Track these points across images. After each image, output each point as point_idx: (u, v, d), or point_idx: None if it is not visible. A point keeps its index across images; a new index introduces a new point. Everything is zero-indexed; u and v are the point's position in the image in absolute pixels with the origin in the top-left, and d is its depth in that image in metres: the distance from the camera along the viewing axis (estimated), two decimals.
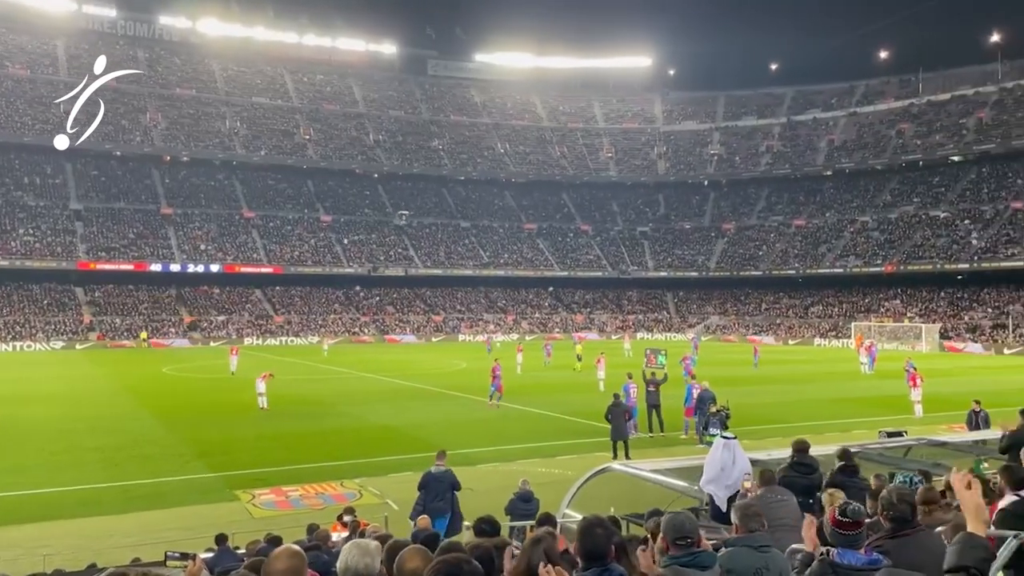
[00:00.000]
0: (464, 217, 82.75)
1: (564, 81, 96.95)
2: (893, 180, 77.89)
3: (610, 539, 3.54)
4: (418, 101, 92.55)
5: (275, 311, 68.50)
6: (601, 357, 32.94)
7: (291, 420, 23.61)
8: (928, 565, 4.04)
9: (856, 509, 3.80)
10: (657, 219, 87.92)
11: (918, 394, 24.64)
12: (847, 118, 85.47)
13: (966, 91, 78.69)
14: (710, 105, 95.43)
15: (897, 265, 66.53)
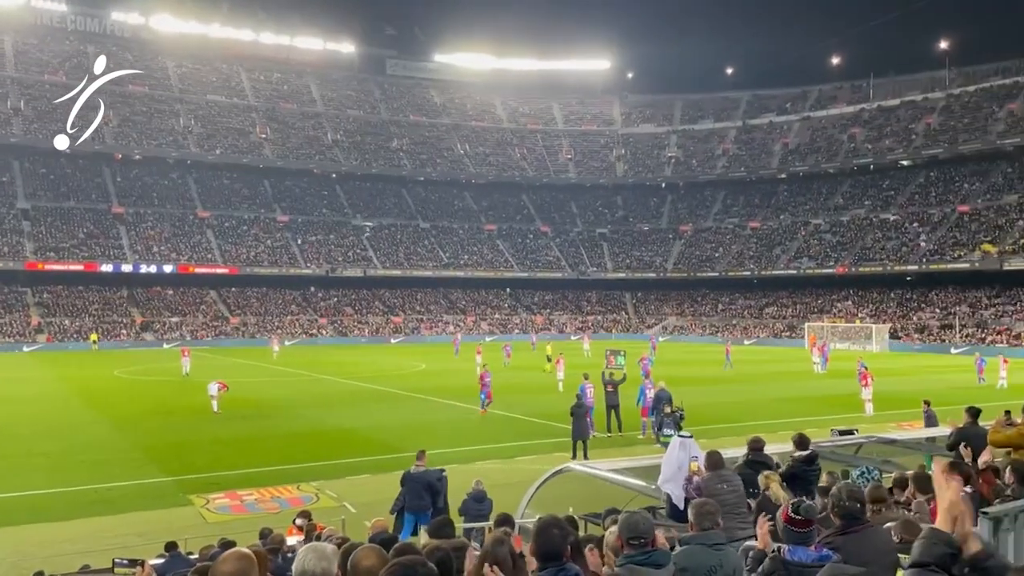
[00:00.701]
0: (424, 218, 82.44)
1: (524, 83, 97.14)
2: (845, 183, 79.54)
3: (566, 539, 3.54)
4: (377, 101, 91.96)
5: (231, 312, 67.46)
6: (560, 358, 33.09)
7: (246, 423, 23.27)
8: (877, 561, 4.12)
9: (808, 507, 3.86)
10: (616, 221, 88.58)
11: (869, 393, 25.21)
12: (800, 122, 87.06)
13: (915, 97, 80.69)
14: (667, 108, 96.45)
15: (849, 267, 67.96)
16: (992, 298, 60.60)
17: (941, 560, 2.69)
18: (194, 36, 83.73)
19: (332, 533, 8.35)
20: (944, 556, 2.71)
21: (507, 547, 4.06)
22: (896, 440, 12.83)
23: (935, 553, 2.71)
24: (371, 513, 11.43)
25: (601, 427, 21.33)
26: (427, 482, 11.73)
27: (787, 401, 27.59)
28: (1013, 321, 56.64)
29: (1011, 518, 4.67)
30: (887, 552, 4.23)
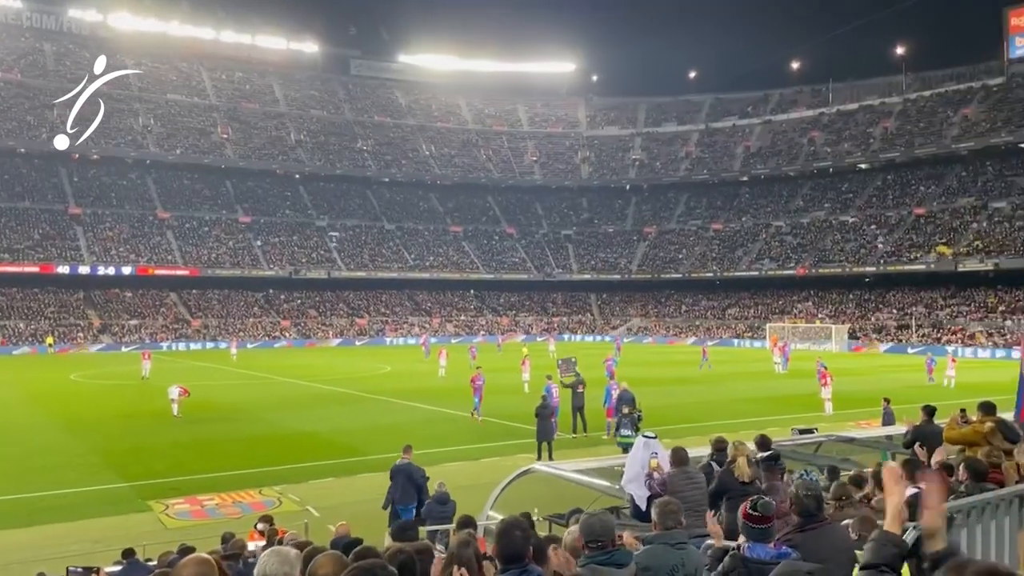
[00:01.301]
0: (389, 219, 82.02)
1: (489, 84, 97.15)
2: (805, 186, 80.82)
3: (528, 540, 3.55)
4: (341, 101, 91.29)
5: (191, 315, 66.44)
6: (526, 359, 33.11)
7: (207, 426, 22.93)
8: (834, 557, 4.20)
9: (766, 504, 3.91)
10: (581, 222, 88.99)
11: (828, 392, 25.64)
12: (762, 126, 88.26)
13: (873, 101, 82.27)
14: (632, 111, 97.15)
15: (809, 268, 69.05)
16: (947, 299, 62.01)
17: (891, 561, 2.74)
18: (153, 34, 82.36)
19: (294, 537, 8.26)
20: (894, 557, 2.75)
21: (473, 549, 4.05)
22: (854, 438, 13.07)
23: (885, 554, 2.76)
24: (335, 517, 11.36)
25: (566, 428, 21.40)
26: (408, 474, 12.02)
27: (749, 401, 27.92)
28: (967, 321, 58.00)
29: (964, 514, 4.77)
30: (844, 549, 4.31)
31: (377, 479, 16.35)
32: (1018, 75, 73.13)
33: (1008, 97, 72.07)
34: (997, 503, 4.99)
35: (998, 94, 73.31)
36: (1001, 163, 68.76)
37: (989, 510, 4.93)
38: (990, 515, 4.92)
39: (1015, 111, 69.89)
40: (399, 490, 12.04)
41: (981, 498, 4.95)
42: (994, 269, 58.54)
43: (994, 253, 59.00)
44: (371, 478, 16.49)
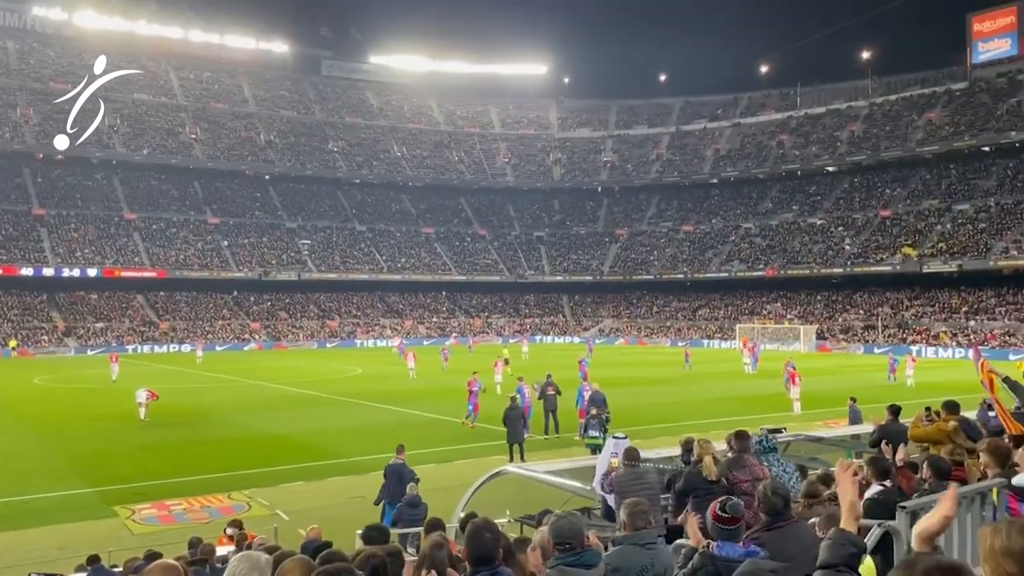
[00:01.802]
0: (360, 221, 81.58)
1: (461, 86, 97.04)
2: (774, 188, 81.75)
3: (498, 542, 3.55)
4: (311, 102, 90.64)
5: (159, 317, 65.53)
6: (498, 361, 33.12)
7: (175, 430, 22.64)
8: (801, 556, 4.25)
9: (735, 505, 3.96)
10: (553, 224, 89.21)
11: (797, 392, 25.95)
12: (731, 128, 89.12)
13: (840, 105, 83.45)
14: (603, 113, 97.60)
15: (778, 269, 69.84)
16: (912, 299, 63.07)
17: (849, 560, 2.77)
18: (119, 33, 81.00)
19: (263, 542, 8.18)
20: (851, 556, 2.78)
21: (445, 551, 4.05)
22: (822, 438, 13.25)
23: (843, 554, 2.78)
24: (305, 520, 11.28)
25: (538, 429, 21.44)
26: (400, 475, 12.27)
27: (719, 401, 28.17)
28: (932, 322, 59.04)
29: (927, 511, 4.85)
30: (810, 547, 4.36)
31: (348, 482, 16.30)
32: (981, 80, 74.66)
33: (971, 101, 73.52)
34: (960, 500, 5.07)
35: (961, 98, 74.75)
36: (964, 166, 70.10)
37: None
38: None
39: (978, 115, 71.33)
40: (390, 489, 12.32)
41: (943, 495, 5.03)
42: (958, 270, 59.66)
43: (958, 255, 60.13)
44: (342, 481, 16.42)
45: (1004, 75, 73.21)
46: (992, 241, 59.52)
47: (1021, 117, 67.60)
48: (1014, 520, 2.19)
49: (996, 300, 58.45)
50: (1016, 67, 72.64)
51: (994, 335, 53.64)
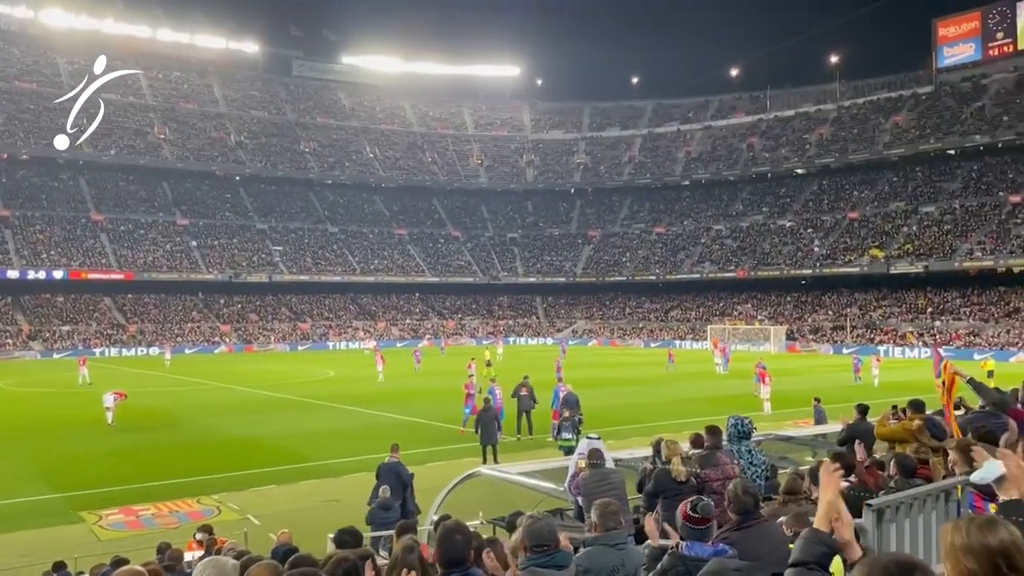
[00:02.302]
0: (332, 222, 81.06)
1: (434, 87, 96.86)
2: (744, 190, 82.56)
3: (469, 544, 3.55)
4: (283, 102, 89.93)
5: (127, 320, 64.59)
6: (471, 362, 33.08)
7: (144, 434, 22.33)
8: (770, 554, 4.29)
9: (705, 505, 3.99)
10: (526, 226, 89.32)
11: (767, 392, 26.21)
12: (703, 131, 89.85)
13: (809, 108, 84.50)
14: (576, 115, 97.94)
15: (748, 271, 70.54)
16: (880, 300, 64.02)
17: (821, 559, 2.80)
18: (86, 32, 79.79)
19: (233, 547, 8.09)
20: (823, 555, 2.81)
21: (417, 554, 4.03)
22: (792, 437, 13.40)
23: (815, 552, 2.81)
24: (276, 525, 11.17)
25: (511, 431, 21.44)
26: (396, 473, 12.27)
27: (691, 401, 28.35)
28: (899, 322, 59.97)
29: (893, 509, 4.92)
30: (779, 545, 4.41)
31: (321, 485, 16.19)
32: (946, 84, 76.03)
33: (936, 105, 74.83)
34: (924, 498, 5.16)
35: (927, 102, 76.06)
36: (930, 169, 71.32)
37: (917, 505, 5.10)
38: (918, 510, 5.09)
39: (943, 119, 72.62)
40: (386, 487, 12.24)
41: (909, 493, 5.12)
42: (924, 271, 60.68)
43: (924, 256, 61.15)
44: (314, 485, 16.30)
45: (968, 79, 74.63)
46: (957, 243, 60.60)
47: (985, 121, 68.96)
48: (974, 517, 2.22)
49: (961, 301, 59.52)
50: (980, 71, 74.11)
51: (959, 335, 54.62)
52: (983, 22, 73.84)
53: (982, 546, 2.05)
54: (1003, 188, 63.77)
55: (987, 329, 54.77)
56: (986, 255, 58.09)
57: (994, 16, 73.23)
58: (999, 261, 57.41)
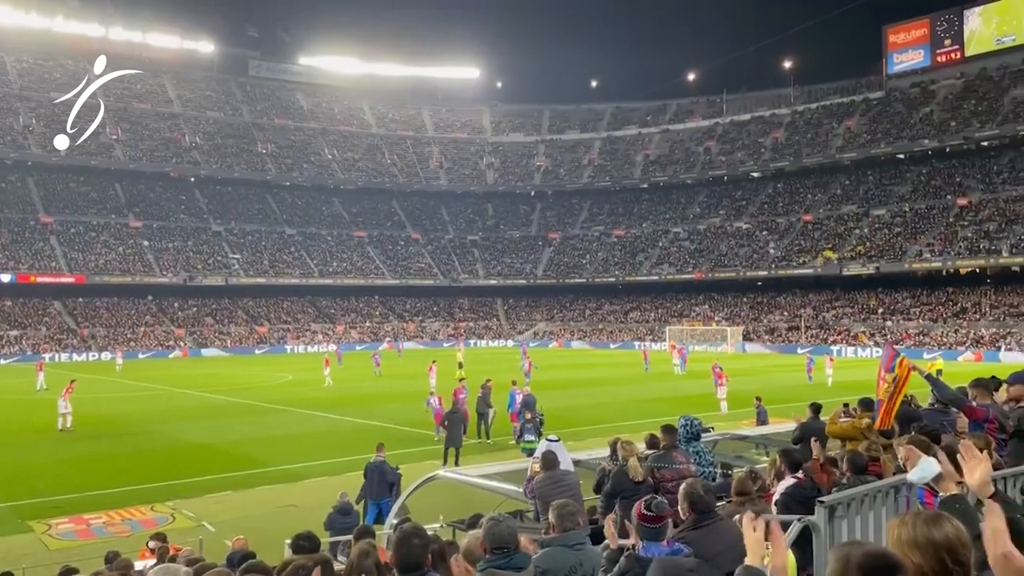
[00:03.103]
0: (290, 224, 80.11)
1: (393, 88, 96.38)
2: (701, 193, 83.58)
3: (427, 548, 3.53)
4: (239, 103, 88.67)
5: (78, 324, 63.06)
6: (433, 365, 32.93)
7: (95, 441, 21.82)
8: (726, 553, 4.34)
9: (659, 503, 4.02)
10: (487, 228, 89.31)
11: (723, 392, 26.57)
12: (660, 135, 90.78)
13: (764, 113, 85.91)
14: (536, 118, 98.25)
15: (705, 272, 71.44)
16: (833, 301, 65.32)
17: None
18: (36, 30, 77.84)
19: (188, 554, 7.94)
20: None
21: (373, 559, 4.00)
22: (747, 436, 13.60)
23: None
24: (232, 531, 11.01)
25: (472, 434, 21.41)
26: (381, 471, 12.73)
27: (650, 401, 28.59)
28: (851, 322, 61.24)
29: (844, 506, 5.02)
30: (736, 543, 4.46)
31: (278, 491, 15.98)
32: (896, 89, 77.89)
33: (887, 110, 76.63)
34: (875, 494, 5.27)
35: (878, 107, 77.84)
36: (881, 172, 72.99)
37: (868, 501, 5.21)
38: (869, 506, 5.20)
39: (893, 123, 74.38)
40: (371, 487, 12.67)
41: (860, 490, 5.23)
42: (875, 273, 62.06)
43: (875, 258, 62.54)
44: (271, 490, 16.08)
45: (917, 85, 76.58)
46: (907, 245, 62.10)
47: (933, 126, 70.80)
48: (920, 512, 2.27)
49: (911, 301, 61.00)
50: (928, 77, 76.10)
51: (909, 335, 55.95)
52: (931, 29, 75.85)
53: (927, 540, 2.10)
54: (951, 192, 65.52)
55: (936, 329, 56.20)
56: (934, 257, 59.64)
57: (942, 24, 75.27)
58: (947, 263, 58.99)
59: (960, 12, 74.01)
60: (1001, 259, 56.35)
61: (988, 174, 65.30)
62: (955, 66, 74.39)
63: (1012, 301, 56.01)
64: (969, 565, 2.11)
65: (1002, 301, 56.60)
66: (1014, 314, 54.41)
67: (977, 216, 61.22)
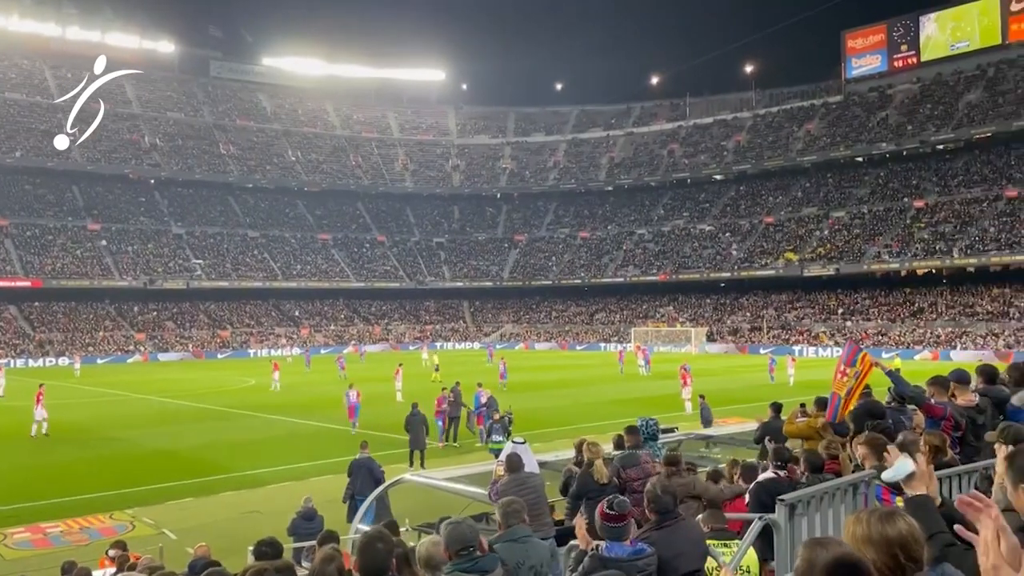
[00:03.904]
0: (252, 227, 79.15)
1: (358, 90, 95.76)
2: (666, 196, 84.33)
3: (391, 553, 3.51)
4: (200, 104, 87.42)
5: (34, 329, 61.64)
6: (399, 368, 32.77)
7: (53, 449, 21.36)
8: (688, 551, 4.41)
9: (621, 502, 4.07)
10: (453, 230, 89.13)
11: (688, 392, 26.82)
12: (625, 137, 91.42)
13: (726, 116, 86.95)
14: (501, 120, 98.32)
15: (670, 274, 72.07)
16: (794, 302, 66.29)
17: None
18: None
19: (148, 562, 7.81)
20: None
21: (336, 565, 3.97)
22: (711, 436, 13.76)
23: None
24: (194, 539, 10.85)
25: (435, 437, 21.37)
26: (368, 468, 12.97)
27: (616, 403, 28.75)
28: (812, 323, 62.21)
29: (804, 504, 5.11)
30: (698, 542, 4.54)
31: (241, 496, 15.79)
32: (854, 94, 79.37)
33: (846, 114, 78.03)
34: (834, 492, 5.37)
35: (837, 111, 79.23)
36: (840, 175, 74.29)
37: (827, 499, 5.31)
38: (827, 503, 5.30)
39: (852, 127, 75.77)
40: (359, 483, 12.76)
41: (819, 488, 5.32)
42: (835, 274, 63.12)
43: (835, 259, 63.62)
44: (234, 496, 15.89)
45: (875, 89, 78.13)
46: (865, 246, 63.27)
47: (890, 129, 72.25)
48: (875, 509, 2.32)
49: (870, 301, 62.15)
50: (886, 82, 77.68)
51: (868, 335, 56.99)
52: (888, 35, 77.44)
53: (881, 536, 2.15)
54: (907, 194, 66.90)
55: (894, 329, 57.32)
56: (892, 258, 60.84)
57: (899, 29, 76.87)
58: (904, 264, 60.22)
59: (916, 18, 75.66)
60: (956, 260, 57.68)
61: (944, 177, 66.80)
62: (911, 71, 76.01)
63: (967, 301, 57.35)
64: (922, 561, 2.16)
65: (957, 301, 57.92)
66: (969, 314, 55.70)
67: (933, 218, 62.60)
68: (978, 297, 57.23)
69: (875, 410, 7.22)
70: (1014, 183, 60.81)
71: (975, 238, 57.74)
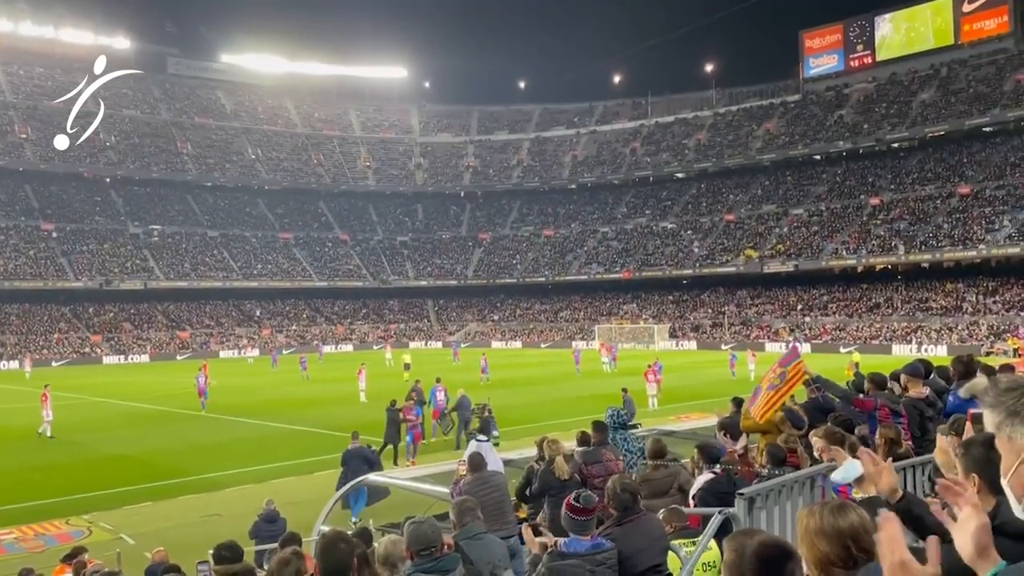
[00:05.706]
0: (212, 226, 77.98)
1: (319, 88, 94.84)
2: (628, 194, 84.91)
3: (352, 553, 3.48)
4: (157, 101, 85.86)
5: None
6: (362, 368, 32.55)
7: (4, 454, 20.83)
8: (649, 546, 4.44)
9: (587, 496, 4.10)
10: (416, 229, 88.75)
11: (653, 389, 27.04)
12: (588, 136, 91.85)
13: (687, 115, 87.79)
14: (465, 118, 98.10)
15: (633, 272, 72.60)
16: (755, 298, 67.20)
17: None
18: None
19: (99, 568, 7.65)
20: None
21: (294, 568, 3.92)
22: (674, 432, 13.86)
23: None
24: (153, 543, 10.67)
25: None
26: (363, 456, 13.18)
27: (581, 399, 28.88)
28: (772, 319, 63.12)
29: (763, 497, 5.19)
30: (658, 537, 4.59)
31: (201, 500, 15.56)
32: (812, 93, 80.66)
33: (804, 113, 79.28)
34: (792, 485, 5.46)
35: (795, 110, 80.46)
36: (799, 173, 75.46)
37: (785, 491, 5.39)
38: (786, 496, 5.38)
39: (810, 126, 77.00)
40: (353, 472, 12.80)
41: (777, 481, 5.40)
42: (794, 271, 64.12)
43: (794, 256, 64.62)
44: (194, 500, 15.66)
45: (832, 88, 79.49)
46: (824, 243, 64.36)
47: (847, 128, 73.58)
48: (828, 502, 2.36)
49: (828, 297, 63.24)
50: (842, 81, 79.08)
51: (827, 330, 58.00)
52: (845, 35, 78.81)
53: (834, 529, 2.18)
54: (864, 191, 68.19)
55: (852, 324, 58.40)
56: (849, 254, 61.96)
57: (855, 29, 78.28)
58: (860, 260, 61.38)
59: (872, 19, 77.13)
60: (911, 256, 58.93)
61: (899, 175, 68.21)
62: (867, 71, 77.46)
63: (921, 296, 58.64)
64: (873, 552, 2.20)
65: (912, 296, 59.20)
66: (924, 309, 56.97)
67: (888, 215, 63.89)
68: (932, 292, 58.55)
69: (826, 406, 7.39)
70: (967, 180, 62.34)
71: (929, 235, 59.07)
